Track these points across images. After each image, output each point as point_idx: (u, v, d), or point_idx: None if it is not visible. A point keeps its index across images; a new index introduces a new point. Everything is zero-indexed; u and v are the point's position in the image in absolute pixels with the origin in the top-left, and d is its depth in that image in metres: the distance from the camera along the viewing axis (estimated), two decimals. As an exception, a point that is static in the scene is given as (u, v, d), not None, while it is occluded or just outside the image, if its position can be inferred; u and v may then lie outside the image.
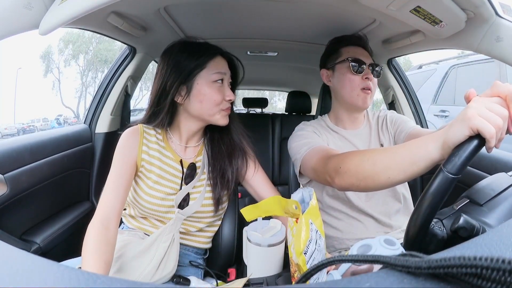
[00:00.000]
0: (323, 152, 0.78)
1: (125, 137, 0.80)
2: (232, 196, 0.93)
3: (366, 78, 0.89)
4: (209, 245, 0.88)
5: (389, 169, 0.56)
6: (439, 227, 0.44)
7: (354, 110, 0.96)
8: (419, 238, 0.43)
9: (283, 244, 0.69)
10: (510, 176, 0.53)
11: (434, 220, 0.45)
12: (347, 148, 0.93)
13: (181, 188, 0.80)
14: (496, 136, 0.43)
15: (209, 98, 0.76)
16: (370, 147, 0.93)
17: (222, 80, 0.78)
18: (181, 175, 0.81)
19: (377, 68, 0.92)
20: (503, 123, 0.43)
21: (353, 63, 0.90)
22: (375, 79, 0.92)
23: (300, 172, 0.89)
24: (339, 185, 0.68)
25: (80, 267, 0.76)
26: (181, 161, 0.82)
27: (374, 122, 0.99)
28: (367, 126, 0.99)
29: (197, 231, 0.84)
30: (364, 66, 0.90)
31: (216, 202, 0.82)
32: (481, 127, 0.42)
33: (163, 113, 0.78)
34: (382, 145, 0.94)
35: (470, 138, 0.44)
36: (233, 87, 0.86)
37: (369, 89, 0.90)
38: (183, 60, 0.75)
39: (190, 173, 0.81)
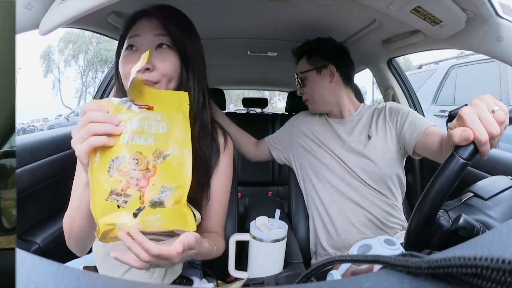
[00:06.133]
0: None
1: None
2: (232, 196, 0.93)
3: None
4: None
5: None
6: (444, 218, 0.43)
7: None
8: (425, 226, 0.43)
9: (285, 241, 0.70)
10: (511, 179, 0.52)
11: (440, 210, 0.44)
12: (329, 134, 0.98)
13: None
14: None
15: (121, 73, 0.64)
16: (352, 137, 0.94)
17: (132, 45, 0.62)
18: None
19: (297, 79, 1.03)
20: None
21: None
22: (307, 86, 0.99)
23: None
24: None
25: (82, 267, 0.76)
26: None
27: (368, 114, 0.95)
28: (357, 116, 0.96)
29: None
30: None
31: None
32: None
33: None
34: (369, 137, 0.91)
35: None
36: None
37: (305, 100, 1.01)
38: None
39: None
